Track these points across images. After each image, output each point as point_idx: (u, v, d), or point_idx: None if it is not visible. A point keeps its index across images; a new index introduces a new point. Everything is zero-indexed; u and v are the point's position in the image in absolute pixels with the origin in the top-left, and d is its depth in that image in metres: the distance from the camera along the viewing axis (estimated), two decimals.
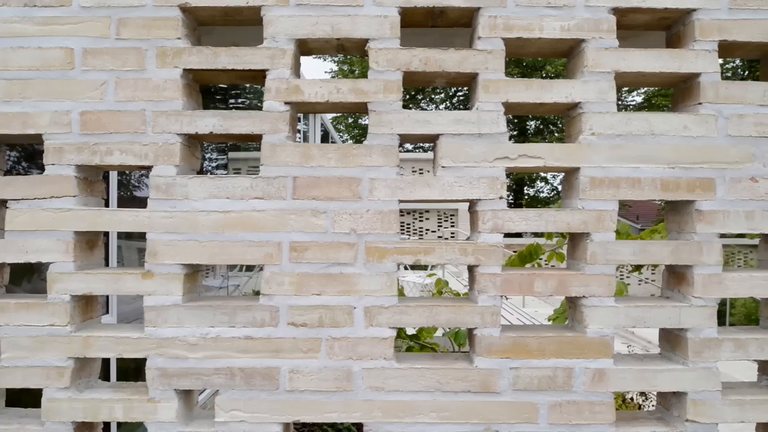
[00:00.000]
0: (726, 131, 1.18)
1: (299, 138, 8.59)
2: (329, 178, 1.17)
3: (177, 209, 1.17)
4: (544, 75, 21.04)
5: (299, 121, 8.64)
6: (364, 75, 1.24)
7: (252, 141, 1.21)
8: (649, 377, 1.17)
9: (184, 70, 1.18)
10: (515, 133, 23.71)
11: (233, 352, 1.17)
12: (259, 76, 1.20)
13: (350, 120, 23.79)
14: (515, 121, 22.93)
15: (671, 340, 1.24)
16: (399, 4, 1.17)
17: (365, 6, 1.17)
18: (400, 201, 1.18)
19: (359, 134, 23.08)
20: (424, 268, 11.10)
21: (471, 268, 1.21)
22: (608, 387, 1.17)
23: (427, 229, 17.70)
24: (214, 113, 1.17)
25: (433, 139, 1.20)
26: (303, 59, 1.28)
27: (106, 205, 1.19)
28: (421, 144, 1.87)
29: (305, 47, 1.23)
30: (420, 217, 17.88)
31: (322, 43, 1.21)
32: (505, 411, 1.17)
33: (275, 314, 1.17)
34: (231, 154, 6.34)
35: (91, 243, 1.24)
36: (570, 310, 1.25)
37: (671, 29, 1.26)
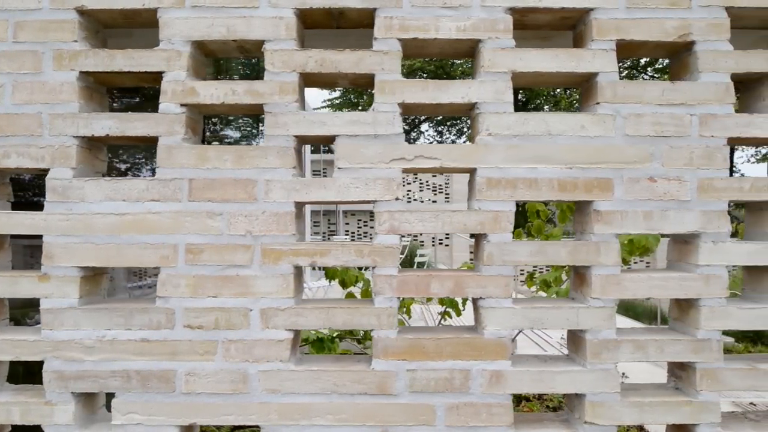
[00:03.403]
0: (624, 131, 1.17)
1: None
2: (225, 180, 1.17)
3: (73, 212, 1.16)
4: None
5: None
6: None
7: (149, 143, 1.21)
8: (546, 379, 1.17)
9: (81, 72, 1.18)
10: None
11: (129, 355, 1.17)
12: (159, 78, 1.19)
13: None
14: None
15: (575, 341, 1.23)
16: (294, 5, 1.17)
17: (260, 7, 1.17)
18: (297, 202, 1.18)
19: None
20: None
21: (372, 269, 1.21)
22: (505, 389, 1.16)
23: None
24: (110, 115, 1.17)
25: (330, 140, 1.19)
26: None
27: None
28: None
29: (205, 49, 1.23)
30: None
31: (220, 44, 1.20)
32: (401, 413, 1.16)
33: (171, 316, 1.16)
34: None
35: None
36: (474, 312, 1.25)
37: (575, 29, 1.26)
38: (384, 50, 1.17)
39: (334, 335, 3.28)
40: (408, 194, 16.36)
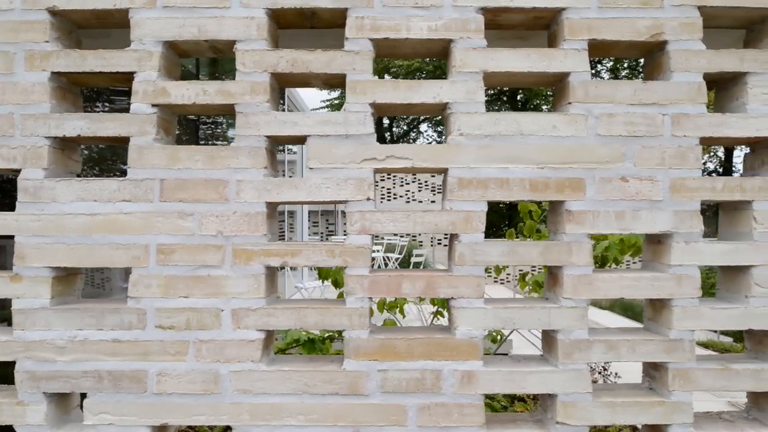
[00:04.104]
0: (596, 131, 1.17)
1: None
2: (196, 180, 1.17)
3: (45, 212, 1.17)
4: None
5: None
6: None
7: (120, 143, 1.21)
8: (518, 379, 1.16)
9: (53, 73, 1.18)
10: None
11: (101, 355, 1.17)
12: (131, 78, 1.19)
13: None
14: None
15: (548, 341, 1.23)
16: (266, 5, 1.17)
17: (232, 7, 1.17)
18: (269, 203, 1.17)
19: None
20: None
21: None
22: (477, 389, 1.16)
23: None
24: (81, 116, 1.17)
25: (302, 140, 1.19)
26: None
27: None
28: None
29: (177, 49, 1.23)
30: None
31: (191, 45, 1.20)
32: (373, 413, 1.16)
33: (143, 317, 1.16)
34: None
35: None
36: (447, 312, 1.24)
37: (550, 29, 1.25)
38: (355, 50, 1.17)
39: (326, 336, 3.28)
40: (407, 194, 16.36)
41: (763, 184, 1.17)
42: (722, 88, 1.26)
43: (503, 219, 18.84)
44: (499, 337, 3.50)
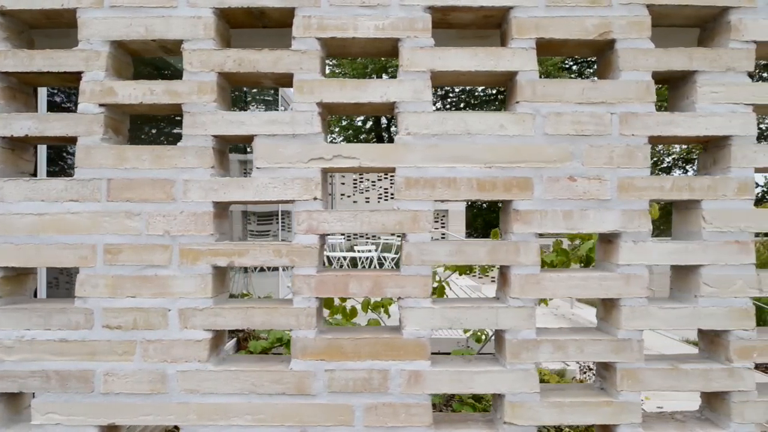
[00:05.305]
0: (543, 130, 1.16)
1: None
2: (143, 180, 1.17)
3: None
4: None
5: None
6: None
7: (68, 143, 1.21)
8: (465, 379, 1.16)
9: (2, 72, 1.18)
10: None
11: (48, 355, 1.16)
12: (80, 78, 1.19)
13: (344, 122, 23.70)
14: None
15: (498, 341, 1.23)
16: (213, 5, 1.17)
17: (179, 7, 1.17)
18: (216, 202, 1.17)
19: (352, 135, 23.04)
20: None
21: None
22: (424, 389, 1.16)
23: None
24: (29, 116, 1.17)
25: (249, 140, 1.19)
26: None
27: None
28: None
29: (127, 49, 1.22)
30: None
31: (140, 44, 1.20)
32: (320, 413, 1.16)
33: (90, 317, 1.16)
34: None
35: None
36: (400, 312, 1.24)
37: (501, 27, 1.25)
38: (302, 50, 1.17)
39: None
40: None
41: (711, 183, 1.17)
42: (673, 87, 1.26)
43: None
44: (483, 337, 3.49)
